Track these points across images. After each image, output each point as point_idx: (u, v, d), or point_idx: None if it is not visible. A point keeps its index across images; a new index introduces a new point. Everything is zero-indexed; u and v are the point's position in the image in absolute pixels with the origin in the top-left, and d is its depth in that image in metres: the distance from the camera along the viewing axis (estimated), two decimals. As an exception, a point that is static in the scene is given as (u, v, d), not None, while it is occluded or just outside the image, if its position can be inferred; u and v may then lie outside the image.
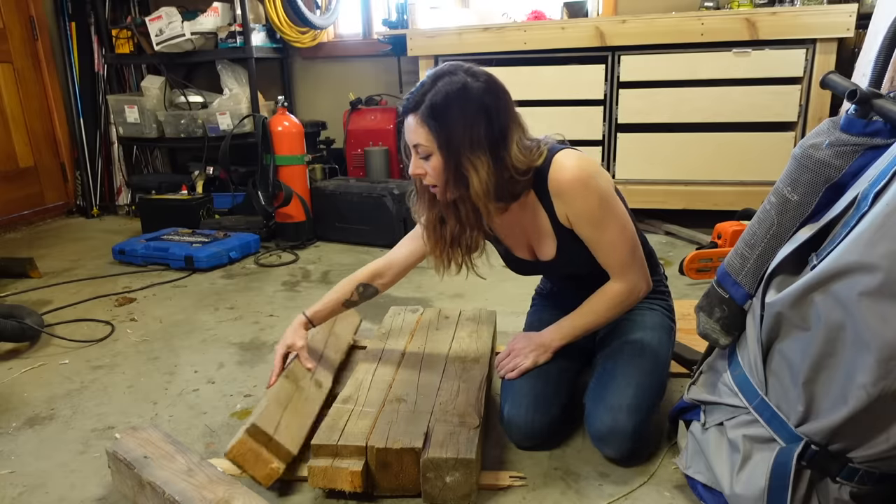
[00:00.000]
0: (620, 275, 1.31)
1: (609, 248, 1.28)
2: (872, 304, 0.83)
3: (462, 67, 1.20)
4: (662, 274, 1.53)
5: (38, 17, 3.62)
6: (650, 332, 1.38)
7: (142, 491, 1.13)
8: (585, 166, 1.24)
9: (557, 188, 1.25)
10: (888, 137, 0.93)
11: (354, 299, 1.48)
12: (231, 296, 2.38)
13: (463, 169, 1.19)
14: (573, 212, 1.26)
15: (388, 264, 1.48)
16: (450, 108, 1.16)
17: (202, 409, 1.57)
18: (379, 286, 1.48)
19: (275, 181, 2.96)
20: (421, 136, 1.20)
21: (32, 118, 3.64)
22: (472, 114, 1.17)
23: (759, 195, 2.65)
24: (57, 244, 3.22)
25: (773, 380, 1.02)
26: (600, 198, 1.24)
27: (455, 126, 1.16)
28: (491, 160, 1.19)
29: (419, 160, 1.23)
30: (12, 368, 1.83)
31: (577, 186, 1.23)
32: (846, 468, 0.96)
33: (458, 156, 1.18)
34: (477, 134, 1.17)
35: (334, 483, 1.16)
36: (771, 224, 1.03)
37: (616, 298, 1.33)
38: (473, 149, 1.18)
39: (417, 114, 1.19)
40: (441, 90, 1.17)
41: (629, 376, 1.29)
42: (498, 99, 1.20)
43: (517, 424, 1.31)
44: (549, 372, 1.36)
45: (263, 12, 3.38)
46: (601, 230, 1.26)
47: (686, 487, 1.21)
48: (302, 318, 1.48)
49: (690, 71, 2.72)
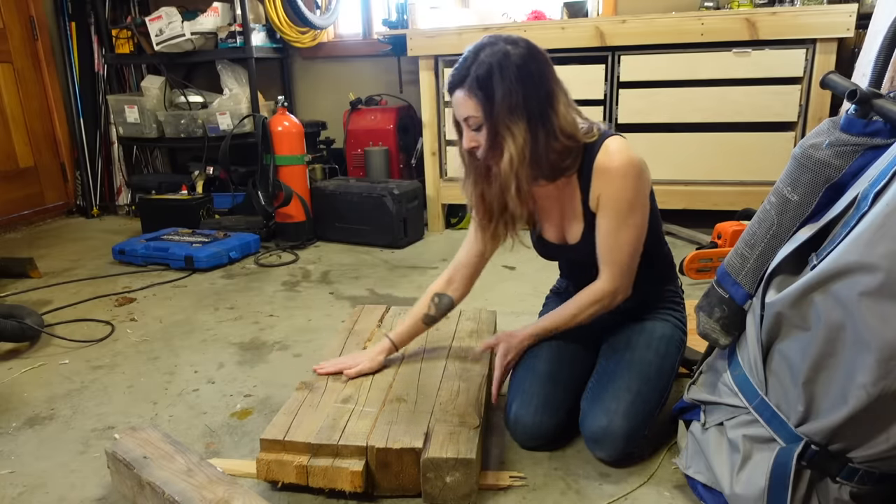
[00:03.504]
0: (612, 274, 1.31)
1: (616, 245, 1.29)
2: (872, 304, 0.83)
3: (501, 37, 1.22)
4: (679, 286, 1.51)
5: (38, 17, 3.62)
6: (658, 343, 1.36)
7: (141, 491, 1.13)
8: (637, 159, 1.26)
9: (603, 167, 1.25)
10: (888, 137, 0.93)
11: (432, 313, 1.46)
12: (231, 296, 2.38)
13: (500, 137, 1.20)
14: (607, 193, 1.26)
15: (455, 268, 1.47)
16: (493, 77, 1.18)
17: (202, 409, 1.57)
18: (453, 294, 1.46)
19: (275, 181, 2.96)
20: (470, 108, 1.21)
21: (32, 118, 3.64)
22: (514, 79, 1.18)
23: (759, 195, 2.65)
24: (57, 244, 3.22)
25: (773, 380, 1.02)
26: (637, 193, 1.26)
27: (499, 93, 1.18)
28: (532, 127, 1.20)
29: (471, 133, 1.25)
30: (12, 368, 1.83)
31: (622, 171, 1.24)
32: (846, 468, 0.96)
33: (498, 124, 1.20)
34: (517, 100, 1.19)
35: (334, 483, 1.16)
36: (771, 224, 1.03)
37: (596, 297, 1.33)
38: (512, 115, 1.19)
39: (464, 87, 1.21)
40: (484, 61, 1.19)
41: (629, 381, 1.28)
42: (539, 64, 1.21)
43: (524, 424, 1.31)
44: (559, 376, 1.36)
45: (263, 12, 3.38)
46: (620, 224, 1.27)
47: (686, 487, 1.21)
48: (387, 344, 1.47)
49: (690, 71, 2.72)
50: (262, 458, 1.20)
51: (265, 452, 1.20)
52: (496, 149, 1.22)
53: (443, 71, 3.00)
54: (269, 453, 1.20)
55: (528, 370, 1.38)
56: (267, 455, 1.20)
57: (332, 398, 1.34)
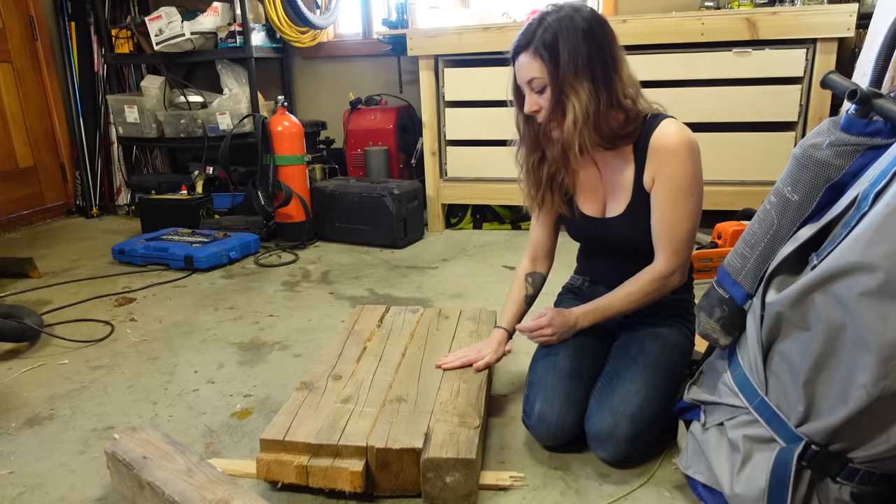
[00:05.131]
0: (668, 255, 1.31)
1: (673, 224, 1.29)
2: (873, 304, 0.83)
3: (567, 4, 1.25)
4: (693, 297, 1.49)
5: (37, 17, 3.62)
6: (671, 352, 1.36)
7: (141, 491, 1.13)
8: (695, 141, 1.28)
9: (661, 144, 1.28)
10: (888, 137, 0.93)
11: (531, 292, 1.53)
12: (231, 296, 2.38)
13: (564, 96, 1.23)
14: (664, 173, 1.28)
15: (534, 246, 1.54)
16: (559, 38, 1.21)
17: (202, 409, 1.57)
18: (542, 269, 1.54)
19: (275, 181, 2.96)
20: (535, 70, 1.24)
21: (32, 118, 3.64)
22: (580, 41, 1.21)
23: (760, 195, 2.65)
24: (57, 244, 3.22)
25: (774, 380, 1.02)
26: (694, 172, 1.28)
27: (564, 54, 1.21)
28: (595, 88, 1.23)
29: (534, 96, 1.27)
30: (12, 368, 1.83)
31: (681, 150, 1.26)
32: (846, 468, 0.95)
33: (563, 83, 1.22)
34: (583, 60, 1.22)
35: (334, 483, 1.16)
36: (771, 224, 1.03)
37: (653, 281, 1.33)
38: (577, 75, 1.22)
39: (529, 49, 1.24)
40: (550, 25, 1.22)
41: (639, 385, 1.28)
42: (604, 29, 1.25)
43: (548, 422, 1.29)
44: (581, 373, 1.35)
45: (263, 12, 3.38)
46: (678, 203, 1.28)
47: (686, 487, 1.21)
48: (502, 333, 1.49)
49: (690, 71, 2.71)
50: (261, 458, 1.20)
51: (265, 452, 1.20)
52: (559, 110, 1.25)
53: (443, 71, 3.00)
54: (269, 453, 1.20)
55: (550, 367, 1.36)
56: (267, 455, 1.20)
57: (332, 398, 1.34)
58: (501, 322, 1.52)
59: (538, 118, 1.30)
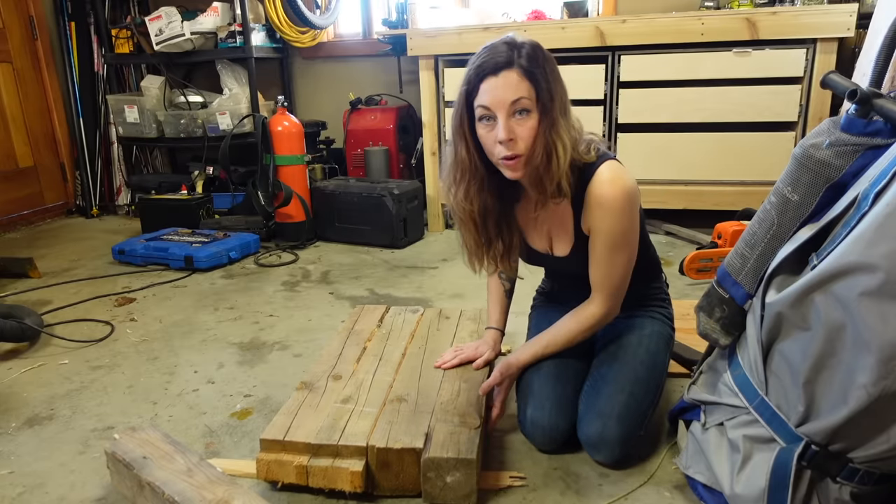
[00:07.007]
0: (604, 297, 1.30)
1: (608, 270, 1.28)
2: (873, 304, 0.83)
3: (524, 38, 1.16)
4: (664, 282, 1.52)
5: (37, 17, 3.61)
6: (648, 340, 1.37)
7: (141, 491, 1.13)
8: (631, 189, 1.21)
9: (598, 200, 1.21)
10: (888, 137, 0.93)
11: (508, 287, 1.54)
12: (231, 296, 2.38)
13: (554, 132, 1.14)
14: (600, 227, 1.24)
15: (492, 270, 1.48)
16: (544, 65, 1.13)
17: (202, 409, 1.57)
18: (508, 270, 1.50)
19: (275, 181, 2.96)
20: (523, 90, 1.11)
21: (32, 118, 3.64)
22: (557, 72, 1.15)
23: (760, 195, 2.65)
24: (57, 244, 3.22)
25: (774, 380, 1.02)
26: (631, 226, 1.24)
27: (550, 82, 1.13)
28: (567, 125, 1.16)
29: (510, 122, 1.12)
30: (12, 368, 1.83)
31: (616, 207, 1.20)
32: (846, 468, 0.95)
33: (553, 110, 1.13)
34: (561, 91, 1.15)
35: (335, 483, 1.16)
36: (771, 224, 1.03)
37: (589, 321, 1.32)
38: (563, 111, 1.15)
39: (514, 67, 1.11)
40: (528, 45, 1.13)
41: (622, 383, 1.29)
42: None
43: (541, 426, 1.30)
44: (566, 374, 1.36)
45: (263, 12, 3.38)
46: (613, 254, 1.26)
47: (686, 487, 1.21)
48: (496, 333, 1.51)
49: (691, 71, 2.71)
50: (261, 458, 1.20)
51: (265, 452, 1.20)
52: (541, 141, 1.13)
53: (443, 71, 3.00)
54: (269, 453, 1.20)
55: (534, 372, 1.37)
56: (267, 455, 1.20)
57: (333, 398, 1.34)
58: (491, 323, 1.53)
59: (507, 150, 1.14)
